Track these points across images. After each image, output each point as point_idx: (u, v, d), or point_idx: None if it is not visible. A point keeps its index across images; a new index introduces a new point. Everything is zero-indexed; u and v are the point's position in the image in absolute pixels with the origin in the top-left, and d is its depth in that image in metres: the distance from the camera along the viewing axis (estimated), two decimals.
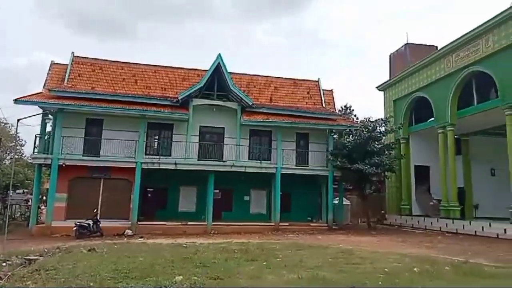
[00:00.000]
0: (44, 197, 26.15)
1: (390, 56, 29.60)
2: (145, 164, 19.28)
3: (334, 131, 23.46)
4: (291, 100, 24.34)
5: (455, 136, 22.41)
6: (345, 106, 40.56)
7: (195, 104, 21.14)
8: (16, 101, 18.07)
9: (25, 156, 34.60)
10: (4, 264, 9.13)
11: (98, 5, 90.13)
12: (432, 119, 22.94)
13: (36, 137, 19.53)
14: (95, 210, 18.00)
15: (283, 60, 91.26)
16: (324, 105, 24.57)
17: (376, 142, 22.01)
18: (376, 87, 28.74)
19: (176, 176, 20.17)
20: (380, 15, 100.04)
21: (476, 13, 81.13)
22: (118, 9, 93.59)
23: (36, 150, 19.42)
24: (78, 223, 16.64)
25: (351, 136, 23.46)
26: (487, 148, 23.87)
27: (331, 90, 26.14)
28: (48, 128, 20.93)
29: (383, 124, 23.69)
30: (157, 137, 21.36)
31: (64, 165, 18.37)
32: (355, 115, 39.55)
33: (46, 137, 20.22)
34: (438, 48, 22.94)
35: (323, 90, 25.30)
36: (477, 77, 19.78)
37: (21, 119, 14.11)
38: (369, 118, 23.94)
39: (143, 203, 20.32)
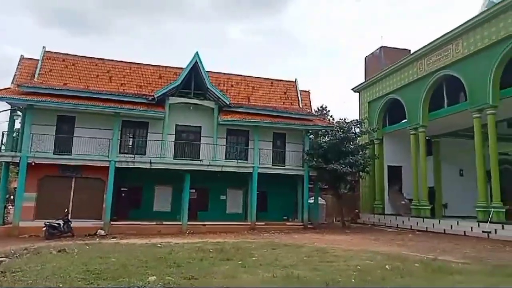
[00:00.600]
0: (12, 197, 25.19)
1: (365, 58, 30.20)
2: (119, 163, 18.88)
3: (310, 131, 23.72)
4: (268, 100, 24.45)
5: (427, 138, 23.12)
6: (321, 106, 41.14)
7: (172, 103, 20.88)
8: None
9: None
10: None
11: None
12: (405, 120, 23.57)
13: (3, 134, 18.81)
14: (66, 210, 17.50)
15: (260, 60, 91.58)
16: (301, 106, 24.81)
17: (351, 143, 22.43)
18: (352, 89, 29.27)
19: (151, 175, 19.86)
20: (356, 18, 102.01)
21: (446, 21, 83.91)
22: (93, 2, 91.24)
23: (3, 147, 18.67)
24: (48, 223, 16.11)
25: (326, 136, 23.81)
26: (456, 149, 24.74)
27: (308, 91, 26.45)
28: (17, 125, 20.20)
29: (358, 125, 24.17)
30: (131, 136, 20.95)
31: (33, 164, 17.73)
32: (331, 116, 40.17)
33: (14, 134, 19.47)
34: (411, 52, 23.61)
35: (300, 90, 25.57)
36: (448, 80, 20.47)
37: None
38: (344, 119, 24.38)
39: (117, 203, 19.88)
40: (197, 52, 20.59)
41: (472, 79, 18.33)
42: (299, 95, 25.32)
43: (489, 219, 16.65)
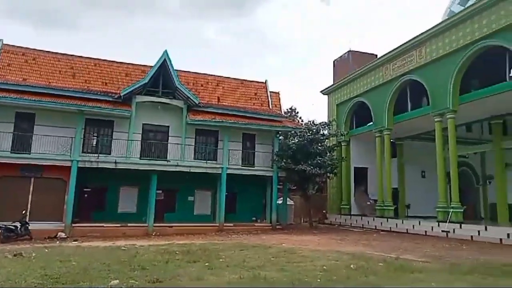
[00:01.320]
0: None
1: (334, 62, 30.79)
2: (82, 163, 18.18)
3: (280, 132, 23.88)
4: (238, 100, 24.39)
5: (391, 140, 23.89)
6: (290, 108, 41.55)
7: (139, 101, 20.37)
8: None
9: None
10: None
11: None
12: (371, 123, 24.22)
13: None
14: (23, 212, 16.64)
15: (232, 61, 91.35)
16: (271, 107, 24.93)
17: (319, 144, 22.77)
18: (321, 91, 29.75)
19: (116, 176, 19.27)
20: (326, 21, 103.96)
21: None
22: None
23: None
24: (4, 226, 15.24)
25: (296, 138, 24.03)
26: (419, 151, 25.69)
27: (278, 92, 26.63)
28: None
29: (326, 127, 24.59)
30: (96, 135, 20.24)
31: None
32: (300, 117, 40.67)
33: None
34: (378, 57, 24.31)
35: (270, 91, 25.68)
36: (412, 85, 21.22)
37: None
38: (313, 121, 24.76)
39: (79, 204, 19.12)
40: (166, 50, 20.22)
41: (434, 85, 19.11)
42: (269, 96, 25.43)
43: (448, 219, 17.40)
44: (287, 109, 39.51)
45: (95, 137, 20.19)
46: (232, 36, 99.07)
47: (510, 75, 16.68)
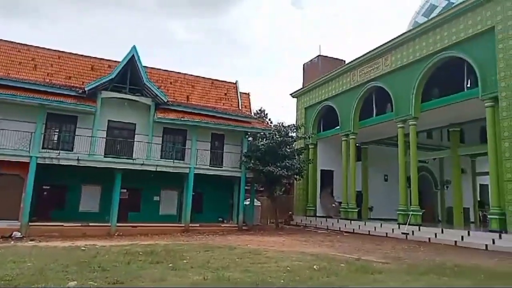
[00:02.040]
0: None
1: (304, 65, 31.25)
2: (41, 159, 17.38)
3: (249, 133, 23.93)
4: (208, 100, 24.22)
5: (357, 144, 24.56)
6: (260, 110, 41.75)
7: (104, 97, 19.77)
8: None
9: None
10: None
11: None
12: (338, 127, 24.79)
13: None
14: None
15: (202, 60, 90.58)
16: (240, 108, 24.94)
17: (288, 147, 23.02)
18: (290, 94, 30.13)
19: (79, 173, 18.58)
20: (298, 25, 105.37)
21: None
22: None
23: None
24: None
25: (264, 139, 24.16)
26: (382, 156, 26.59)
27: (248, 93, 26.67)
28: None
29: (295, 130, 24.92)
30: (57, 130, 19.43)
31: None
32: (269, 119, 40.95)
33: None
34: (346, 63, 24.93)
35: (240, 92, 25.68)
36: (377, 91, 21.92)
37: None
38: (282, 123, 25.00)
39: (38, 202, 18.27)
40: (134, 46, 19.74)
41: (398, 92, 19.85)
42: (239, 97, 25.43)
43: (408, 221, 18.12)
44: (256, 111, 39.70)
45: (57, 133, 19.38)
46: (204, 35, 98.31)
47: (468, 85, 17.64)
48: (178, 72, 24.34)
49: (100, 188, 20.21)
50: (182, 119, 20.98)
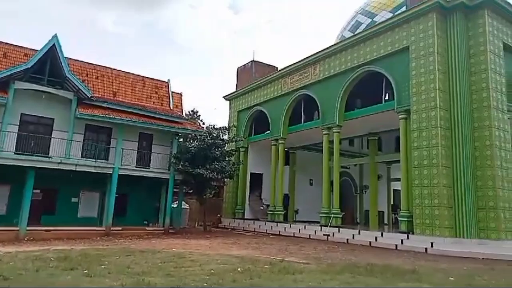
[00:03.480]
0: None
1: (237, 69, 31.52)
2: None
3: (179, 134, 23.40)
4: (137, 97, 23.20)
5: (285, 149, 25.35)
6: (192, 110, 41.21)
7: (18, 88, 17.92)
8: None
9: None
10: None
11: None
12: (268, 132, 25.39)
13: None
14: None
15: (133, 56, 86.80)
16: (172, 107, 24.29)
17: (219, 149, 22.93)
18: (223, 97, 30.17)
19: None
20: (233, 29, 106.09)
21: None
22: None
23: None
24: None
25: (195, 141, 23.82)
26: (309, 161, 27.79)
27: (180, 93, 26.12)
28: None
29: (226, 132, 24.95)
30: None
31: None
32: (201, 121, 40.56)
33: None
34: (278, 69, 25.68)
35: (172, 92, 25.02)
36: (306, 99, 22.90)
37: None
38: (214, 125, 24.89)
39: None
40: (55, 34, 18.18)
41: (324, 101, 20.94)
42: (171, 96, 24.75)
43: (329, 223, 19.14)
44: (188, 111, 39.11)
45: None
46: (136, 31, 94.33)
47: (386, 98, 19.22)
48: (105, 67, 22.98)
49: (9, 187, 18.31)
50: (107, 116, 19.81)
